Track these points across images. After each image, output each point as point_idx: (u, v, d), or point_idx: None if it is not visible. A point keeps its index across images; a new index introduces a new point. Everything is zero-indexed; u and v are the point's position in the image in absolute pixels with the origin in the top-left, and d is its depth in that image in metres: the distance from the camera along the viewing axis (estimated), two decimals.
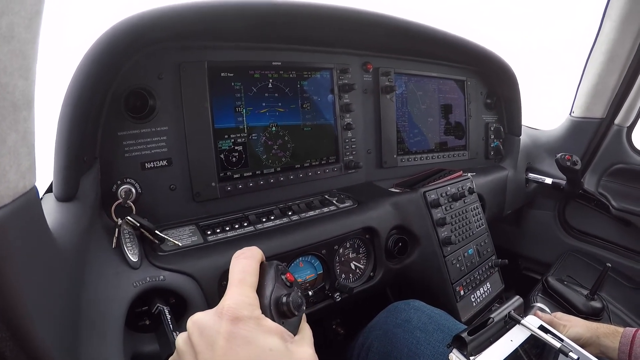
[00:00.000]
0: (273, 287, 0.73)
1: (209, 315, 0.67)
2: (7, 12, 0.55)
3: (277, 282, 0.74)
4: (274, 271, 0.76)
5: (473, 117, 2.61)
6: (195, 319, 0.67)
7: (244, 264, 0.74)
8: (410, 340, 1.38)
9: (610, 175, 2.70)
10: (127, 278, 1.11)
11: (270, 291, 0.72)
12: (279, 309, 0.72)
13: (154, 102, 1.39)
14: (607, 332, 1.46)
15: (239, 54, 1.60)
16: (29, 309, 0.65)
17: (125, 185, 1.36)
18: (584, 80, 2.56)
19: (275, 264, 0.78)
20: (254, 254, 0.77)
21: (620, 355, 1.39)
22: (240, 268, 0.73)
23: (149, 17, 1.17)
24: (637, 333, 1.41)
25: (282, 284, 0.75)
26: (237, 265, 0.74)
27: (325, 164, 1.89)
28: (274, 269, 0.77)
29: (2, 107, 0.57)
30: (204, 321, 0.66)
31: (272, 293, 0.72)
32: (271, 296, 0.72)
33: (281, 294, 0.73)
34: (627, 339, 1.40)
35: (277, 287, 0.74)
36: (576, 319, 1.55)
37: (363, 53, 2.03)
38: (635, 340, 1.39)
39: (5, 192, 0.60)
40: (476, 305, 1.96)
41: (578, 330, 1.46)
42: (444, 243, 1.86)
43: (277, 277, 0.75)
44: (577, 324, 1.50)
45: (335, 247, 1.61)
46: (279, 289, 0.74)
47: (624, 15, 2.21)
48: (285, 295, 0.73)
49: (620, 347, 1.40)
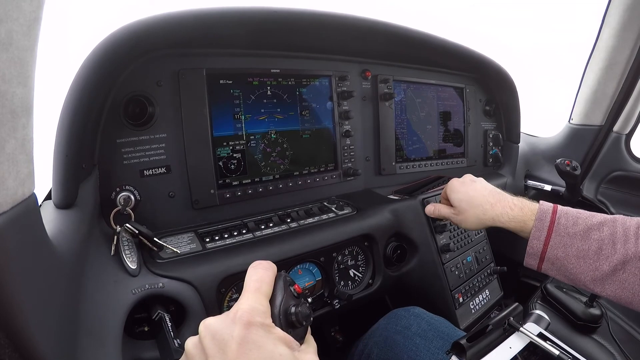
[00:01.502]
0: (282, 298, 0.74)
1: (222, 319, 0.67)
2: (6, 19, 0.55)
3: (285, 292, 0.75)
4: (283, 282, 0.77)
5: (472, 125, 2.61)
6: (208, 323, 0.67)
7: (262, 274, 0.75)
8: (410, 347, 1.38)
9: (609, 182, 2.70)
10: (126, 285, 1.11)
11: (280, 301, 0.73)
12: (287, 319, 0.72)
13: (152, 110, 1.39)
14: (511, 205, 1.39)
15: (237, 61, 1.60)
16: (28, 316, 0.65)
17: (124, 193, 1.36)
18: (583, 88, 2.56)
19: (283, 275, 0.79)
20: (271, 266, 0.78)
21: (532, 241, 1.32)
22: (258, 277, 0.74)
23: (148, 24, 1.18)
24: (556, 215, 1.30)
25: (290, 295, 0.76)
26: (254, 275, 0.75)
27: (324, 171, 1.89)
28: (283, 279, 0.78)
29: (1, 114, 0.57)
30: (216, 325, 0.66)
31: (282, 303, 0.73)
32: (280, 306, 0.73)
33: (290, 305, 0.74)
34: (543, 223, 1.30)
35: (286, 297, 0.75)
36: None
37: (362, 60, 2.03)
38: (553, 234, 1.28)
39: (4, 199, 0.60)
40: (475, 312, 1.96)
41: None
42: (442, 250, 1.86)
43: (285, 288, 0.76)
44: None
45: (334, 254, 1.61)
46: (288, 299, 0.75)
47: (622, 22, 2.21)
48: (293, 305, 0.73)
49: (534, 233, 1.32)
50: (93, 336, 0.96)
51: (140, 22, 1.16)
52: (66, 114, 1.05)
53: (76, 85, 1.06)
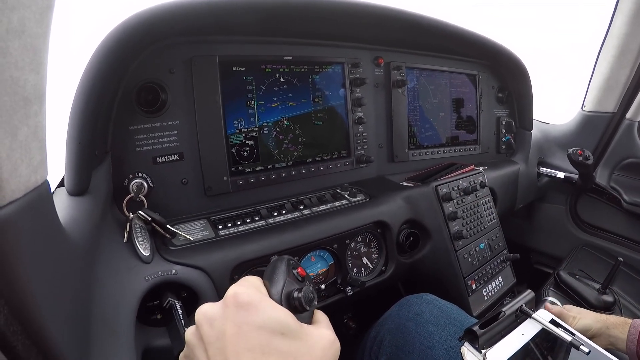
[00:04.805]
0: (285, 282, 0.72)
1: (217, 305, 0.67)
2: (19, 7, 0.55)
3: (288, 276, 0.74)
4: (286, 266, 0.75)
5: (484, 112, 2.60)
6: (203, 310, 0.67)
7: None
8: (422, 334, 1.38)
9: (622, 169, 2.69)
10: (139, 272, 1.11)
11: (282, 286, 0.72)
12: (290, 303, 0.71)
13: (165, 97, 1.39)
14: (616, 323, 1.45)
15: (250, 48, 1.60)
16: (41, 304, 0.65)
17: (137, 180, 1.37)
18: (596, 75, 2.55)
19: (286, 259, 0.77)
20: None
21: (628, 345, 1.39)
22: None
23: (160, 11, 1.17)
24: None
25: (293, 279, 0.74)
26: None
27: (337, 158, 1.89)
28: (285, 263, 0.76)
29: (13, 101, 0.57)
30: (212, 312, 0.65)
31: (284, 288, 0.72)
32: (283, 291, 0.71)
33: (293, 289, 0.72)
34: (635, 329, 1.40)
35: (289, 281, 0.73)
36: (585, 311, 1.55)
37: (374, 47, 2.02)
38: None
39: (17, 186, 0.60)
40: (488, 299, 1.96)
41: (587, 322, 1.45)
42: (455, 237, 1.85)
43: (288, 272, 0.75)
44: (587, 315, 1.49)
45: (347, 241, 1.61)
46: (291, 283, 0.73)
47: (635, 9, 2.18)
48: (296, 290, 0.72)
49: (628, 336, 1.39)
50: (106, 323, 0.97)
51: (153, 9, 1.16)
52: (79, 101, 1.06)
53: (89, 72, 1.06)
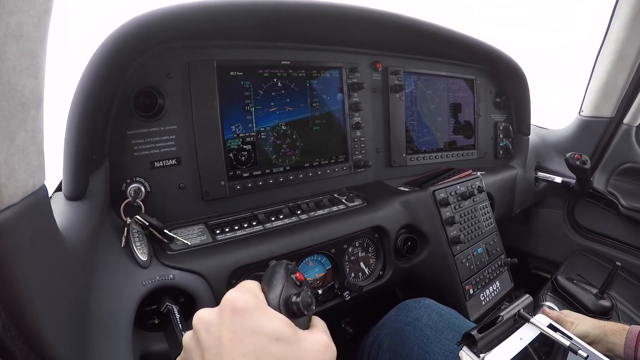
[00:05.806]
0: (283, 287, 0.72)
1: (214, 311, 0.67)
2: (16, 11, 0.55)
3: (287, 281, 0.74)
4: (284, 271, 0.75)
5: (482, 116, 2.61)
6: (200, 315, 0.67)
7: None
8: (420, 338, 1.38)
9: (620, 174, 2.70)
10: (136, 277, 1.11)
11: (280, 290, 0.72)
12: (288, 308, 0.70)
13: (163, 101, 1.39)
14: (614, 330, 1.47)
15: (248, 52, 1.60)
16: (38, 309, 0.65)
17: (135, 184, 1.37)
18: (593, 79, 2.56)
19: (285, 264, 0.77)
20: None
21: (626, 351, 1.40)
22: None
23: (158, 16, 1.17)
24: None
25: (291, 284, 0.74)
26: None
27: (335, 163, 1.89)
28: (284, 268, 0.76)
29: (11, 106, 0.57)
30: (209, 317, 0.66)
31: (282, 292, 0.71)
32: (281, 295, 0.71)
33: (291, 294, 0.72)
34: (633, 336, 1.42)
35: (287, 286, 0.73)
36: (583, 316, 1.56)
37: (372, 52, 2.02)
38: None
39: (15, 191, 0.60)
40: (485, 304, 1.96)
41: (585, 328, 1.47)
42: (453, 242, 1.86)
43: (287, 277, 0.74)
44: (585, 321, 1.50)
45: (345, 246, 1.61)
46: (289, 288, 0.73)
47: (633, 14, 2.20)
48: (294, 294, 0.71)
49: (626, 342, 1.42)
50: (103, 328, 0.97)
51: (151, 14, 1.15)
52: (76, 106, 1.06)
53: (86, 76, 1.06)
